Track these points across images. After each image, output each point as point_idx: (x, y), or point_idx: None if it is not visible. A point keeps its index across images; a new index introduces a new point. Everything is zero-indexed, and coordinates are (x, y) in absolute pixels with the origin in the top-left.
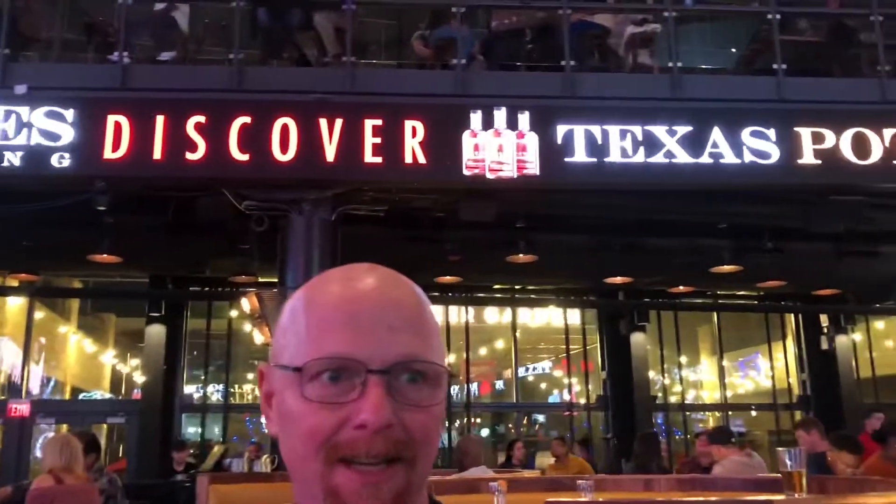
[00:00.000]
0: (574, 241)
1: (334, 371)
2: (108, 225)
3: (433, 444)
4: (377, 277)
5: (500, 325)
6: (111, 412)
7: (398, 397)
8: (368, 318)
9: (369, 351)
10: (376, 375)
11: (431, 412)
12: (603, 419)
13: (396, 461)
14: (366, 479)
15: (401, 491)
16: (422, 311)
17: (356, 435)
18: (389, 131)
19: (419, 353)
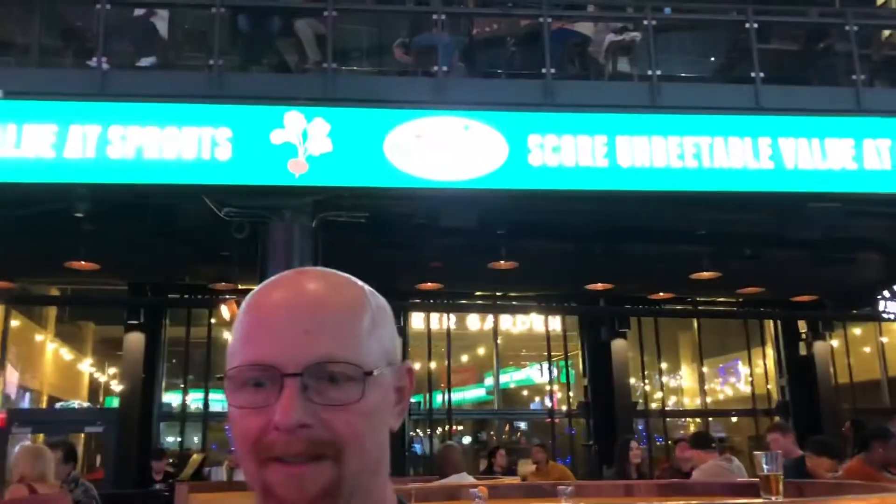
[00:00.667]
0: (555, 247)
1: (255, 377)
2: (87, 232)
3: (364, 441)
4: (303, 281)
5: (482, 331)
6: (89, 421)
7: (316, 398)
8: (284, 324)
9: (284, 356)
10: (290, 378)
11: (355, 410)
12: (584, 426)
13: (321, 458)
14: (290, 472)
15: (327, 486)
16: (351, 312)
17: (275, 436)
18: None
19: (336, 354)
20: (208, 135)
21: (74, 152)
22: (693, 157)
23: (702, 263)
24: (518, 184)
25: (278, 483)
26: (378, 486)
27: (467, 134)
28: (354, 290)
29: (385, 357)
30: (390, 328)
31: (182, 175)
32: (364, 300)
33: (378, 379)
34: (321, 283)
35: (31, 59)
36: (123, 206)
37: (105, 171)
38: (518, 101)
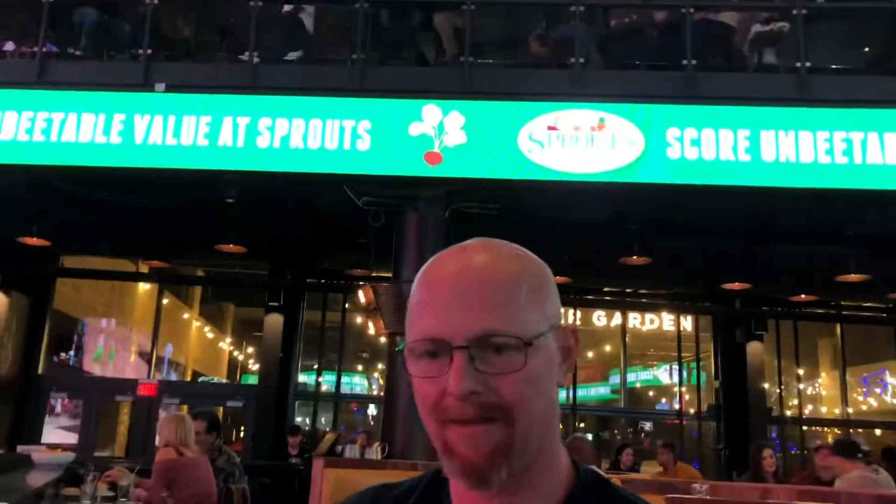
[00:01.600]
0: (690, 244)
1: (430, 349)
2: (235, 217)
3: (531, 403)
4: (467, 258)
5: (609, 328)
6: (230, 396)
7: (483, 367)
8: (450, 300)
9: (452, 330)
10: (459, 351)
11: (519, 376)
12: (714, 430)
13: (492, 420)
14: (466, 432)
15: (499, 444)
16: (512, 283)
17: (450, 402)
18: None
19: (497, 328)
20: (349, 126)
21: (226, 141)
22: (843, 154)
23: (849, 265)
24: (654, 178)
25: (457, 442)
26: (550, 442)
27: (603, 126)
28: (515, 261)
29: (547, 322)
30: (552, 293)
31: (324, 164)
32: (524, 270)
33: (540, 345)
34: (483, 258)
35: (189, 55)
36: (269, 193)
37: (253, 160)
38: (656, 93)
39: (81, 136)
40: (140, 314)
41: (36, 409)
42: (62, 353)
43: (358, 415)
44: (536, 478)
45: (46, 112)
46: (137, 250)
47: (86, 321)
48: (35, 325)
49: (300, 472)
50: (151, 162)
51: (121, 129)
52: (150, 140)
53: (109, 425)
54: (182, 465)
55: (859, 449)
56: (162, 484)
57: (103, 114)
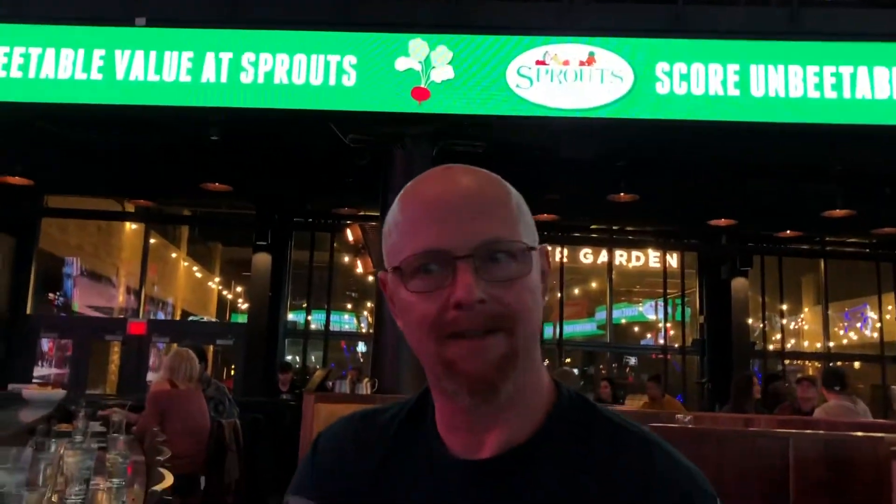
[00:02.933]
0: (678, 180)
1: (428, 264)
2: (220, 155)
3: (531, 312)
4: (460, 174)
5: (596, 265)
6: (220, 334)
7: (486, 276)
8: (451, 211)
9: (454, 241)
10: (463, 261)
11: (521, 284)
12: (698, 364)
13: (497, 331)
14: (472, 346)
15: (504, 355)
16: (502, 199)
17: (456, 313)
18: None
19: (500, 235)
20: (335, 61)
21: (209, 77)
22: (832, 88)
23: (835, 201)
24: (643, 113)
25: (461, 357)
26: (537, 357)
27: (593, 61)
28: (498, 180)
29: (533, 240)
30: (530, 215)
31: (309, 101)
32: (508, 188)
33: (534, 258)
34: (470, 176)
35: None
36: (254, 131)
37: (237, 96)
38: (646, 26)
39: (60, 73)
40: (127, 254)
41: (26, 349)
42: (50, 293)
43: (347, 352)
44: (523, 395)
45: (23, 47)
46: (123, 189)
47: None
48: (21, 265)
49: (291, 408)
50: (133, 99)
51: (101, 66)
52: (131, 76)
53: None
54: (175, 397)
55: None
56: (154, 413)
57: (83, 49)
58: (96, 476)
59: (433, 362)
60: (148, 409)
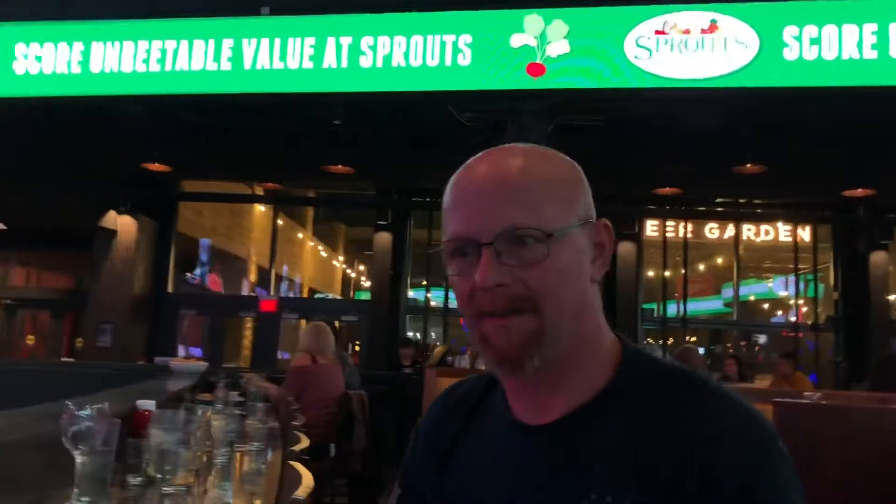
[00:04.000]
0: (810, 150)
1: (460, 249)
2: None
3: (559, 292)
4: (492, 160)
5: (722, 240)
6: (345, 311)
7: (508, 260)
8: (475, 199)
9: (478, 227)
10: (485, 248)
11: (545, 267)
12: (832, 342)
13: (521, 311)
14: (497, 324)
15: (530, 334)
16: (524, 183)
17: (480, 295)
18: None
19: (520, 222)
20: (450, 41)
21: (330, 63)
22: None
23: None
24: (770, 81)
25: (490, 334)
26: (586, 330)
27: (715, 28)
28: (538, 160)
29: (574, 216)
30: (580, 192)
31: (426, 82)
32: (548, 168)
33: (566, 238)
34: (506, 158)
35: None
36: (373, 114)
37: (357, 80)
38: None
39: (194, 64)
40: (257, 235)
41: (168, 325)
42: (188, 272)
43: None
44: (576, 363)
45: (160, 41)
46: (252, 173)
47: (208, 241)
48: (162, 246)
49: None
50: (260, 87)
51: (230, 56)
52: (258, 65)
53: (234, 339)
54: (315, 371)
55: None
56: (294, 386)
57: (213, 40)
58: (239, 439)
59: (474, 335)
60: (287, 382)
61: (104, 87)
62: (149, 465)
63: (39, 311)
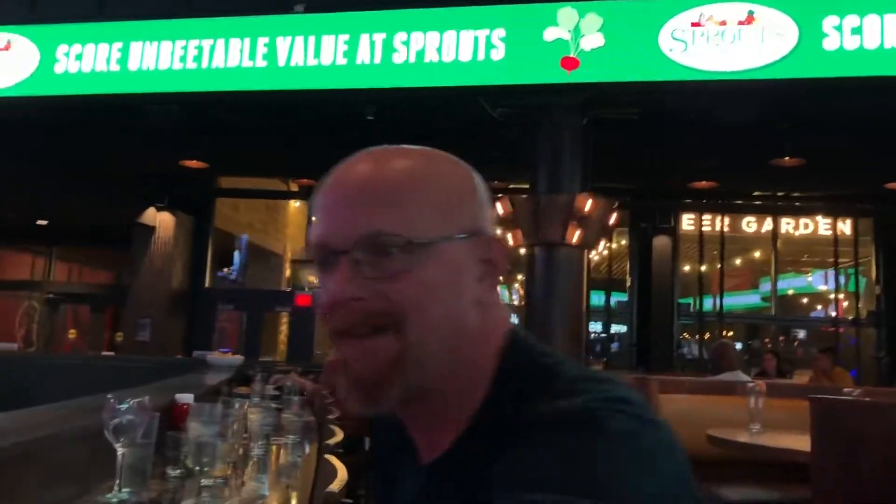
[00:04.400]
0: (849, 142)
1: (320, 258)
2: (375, 133)
3: (425, 310)
4: (365, 160)
5: (759, 234)
6: None
7: (368, 272)
8: (334, 203)
9: (335, 234)
10: (341, 255)
11: (410, 279)
12: (874, 337)
13: (383, 330)
14: (356, 346)
15: (390, 358)
16: (394, 186)
17: (336, 310)
18: None
19: (383, 229)
20: (483, 36)
21: (364, 59)
22: None
23: None
24: (809, 72)
25: (350, 357)
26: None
27: (752, 19)
28: (418, 161)
29: (453, 228)
30: (470, 201)
31: (459, 77)
32: (427, 172)
33: (438, 249)
34: (381, 159)
35: None
36: (406, 109)
37: (390, 76)
38: None
39: (229, 62)
40: (293, 230)
41: (206, 319)
42: (225, 267)
43: None
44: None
45: (196, 40)
46: (286, 170)
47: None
48: (199, 242)
49: None
50: (295, 84)
51: (265, 53)
52: (292, 62)
53: (270, 334)
54: None
55: None
56: (330, 380)
57: (248, 38)
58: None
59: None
60: (323, 375)
61: (142, 84)
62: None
63: (80, 306)
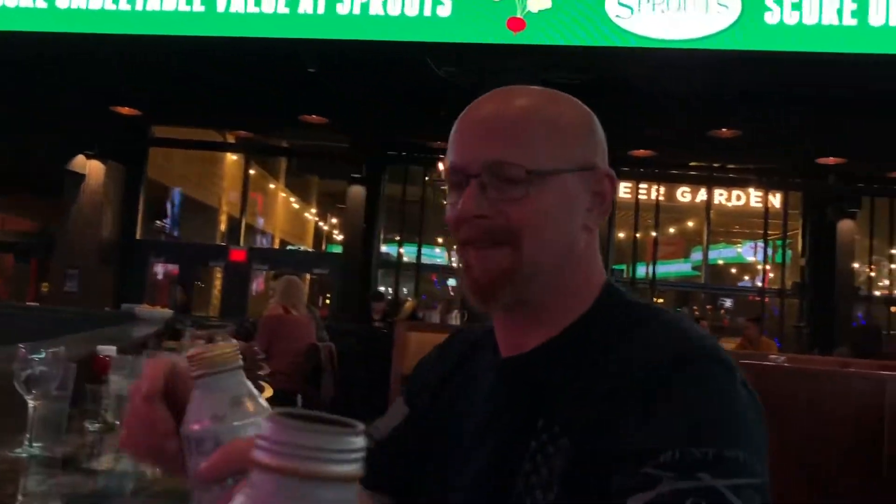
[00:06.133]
0: (786, 115)
1: (454, 180)
2: (317, 88)
3: (541, 232)
4: (497, 96)
5: (693, 204)
6: (316, 263)
7: (493, 194)
8: (470, 134)
9: (466, 160)
10: (472, 178)
11: (528, 204)
12: (797, 307)
13: (502, 244)
14: (477, 254)
15: (504, 268)
16: (519, 121)
17: (462, 225)
18: None
19: (506, 159)
20: None
21: (306, 8)
22: None
23: None
24: (750, 45)
25: (471, 264)
26: (571, 275)
27: None
28: (542, 100)
29: (571, 161)
30: (585, 136)
31: (404, 32)
32: (550, 109)
33: (554, 180)
34: (510, 95)
35: None
36: (350, 63)
37: (333, 28)
38: None
39: (166, 4)
40: (229, 184)
41: (136, 272)
42: (157, 220)
43: (438, 285)
44: (556, 304)
45: None
46: (224, 120)
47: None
48: (131, 192)
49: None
50: (233, 31)
51: None
52: (232, 8)
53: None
54: (286, 322)
55: None
56: (266, 336)
57: None
58: None
59: (460, 261)
60: (259, 332)
61: (71, 24)
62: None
63: (4, 255)
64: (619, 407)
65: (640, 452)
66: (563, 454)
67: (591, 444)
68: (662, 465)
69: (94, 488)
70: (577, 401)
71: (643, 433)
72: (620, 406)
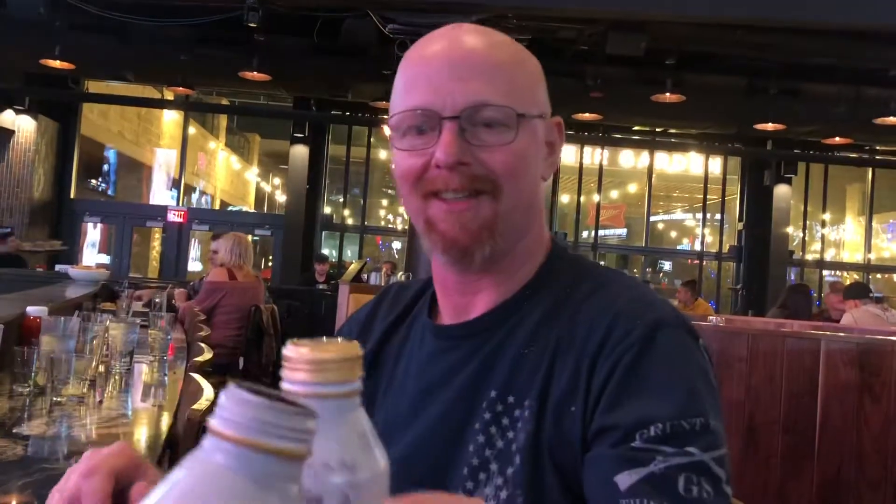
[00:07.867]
0: (727, 81)
1: (417, 123)
2: (259, 43)
3: (518, 178)
4: (466, 33)
5: (636, 169)
6: (258, 224)
7: (472, 139)
8: (441, 72)
9: (442, 101)
10: (448, 121)
11: (508, 150)
12: (733, 270)
13: (481, 193)
14: (451, 208)
15: (485, 221)
16: (503, 62)
17: (436, 173)
18: None
19: (488, 99)
20: None
21: None
22: None
23: (890, 106)
24: (693, 9)
25: (440, 219)
26: (531, 229)
27: None
28: (509, 43)
29: (537, 108)
30: (542, 84)
31: None
32: (518, 53)
33: (530, 125)
34: (477, 35)
35: None
36: (292, 17)
37: None
38: None
39: None
40: (167, 142)
41: (70, 232)
42: (92, 179)
43: (382, 248)
44: (513, 258)
45: None
46: (161, 76)
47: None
48: (64, 150)
49: (327, 297)
50: None
51: None
52: None
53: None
54: (231, 289)
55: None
56: (208, 300)
57: None
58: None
59: (418, 218)
60: (202, 296)
61: None
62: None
63: None
64: (592, 378)
65: (626, 426)
66: (523, 426)
67: (557, 416)
68: (653, 439)
69: (24, 454)
70: (535, 371)
71: (627, 406)
72: (594, 377)
